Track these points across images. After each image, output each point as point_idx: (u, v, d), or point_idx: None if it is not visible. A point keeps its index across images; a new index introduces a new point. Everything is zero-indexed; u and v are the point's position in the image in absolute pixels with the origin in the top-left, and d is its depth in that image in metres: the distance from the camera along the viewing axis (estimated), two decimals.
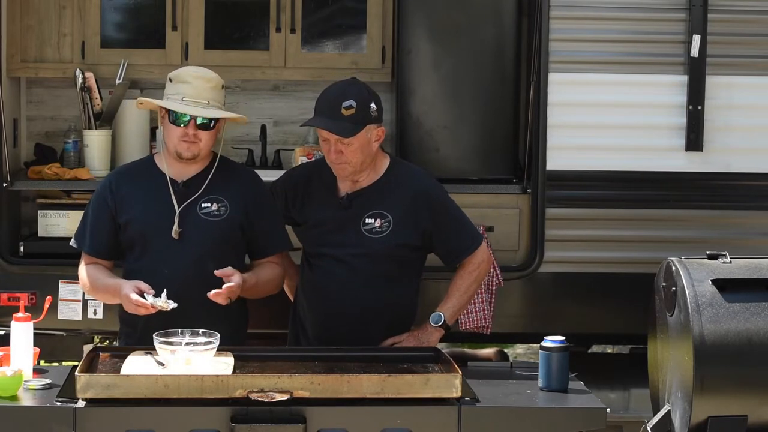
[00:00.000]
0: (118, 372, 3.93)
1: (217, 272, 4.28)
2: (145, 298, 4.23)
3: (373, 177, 4.56)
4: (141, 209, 4.49)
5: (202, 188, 4.48)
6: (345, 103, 4.41)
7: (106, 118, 5.71)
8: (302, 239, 4.70)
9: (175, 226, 4.44)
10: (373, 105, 4.45)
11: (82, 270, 4.54)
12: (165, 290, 4.23)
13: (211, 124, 4.45)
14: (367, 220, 4.52)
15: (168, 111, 4.45)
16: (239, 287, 4.30)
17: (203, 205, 4.49)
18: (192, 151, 4.45)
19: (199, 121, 4.42)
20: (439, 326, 4.51)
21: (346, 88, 4.50)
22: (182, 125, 4.43)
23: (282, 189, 4.71)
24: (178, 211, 4.45)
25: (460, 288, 4.58)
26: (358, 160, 4.47)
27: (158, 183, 4.51)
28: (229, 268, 4.31)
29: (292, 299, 4.83)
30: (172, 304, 4.20)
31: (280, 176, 4.86)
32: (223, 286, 4.26)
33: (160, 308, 4.20)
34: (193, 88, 4.45)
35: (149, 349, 4.08)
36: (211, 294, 4.25)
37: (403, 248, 4.53)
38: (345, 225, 4.53)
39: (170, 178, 4.50)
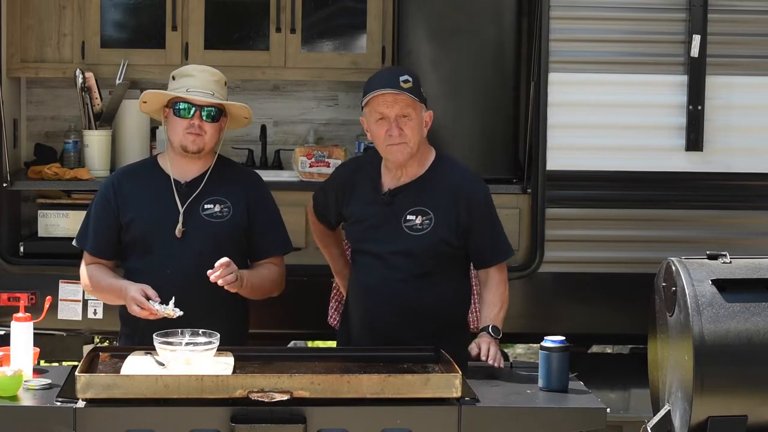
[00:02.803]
0: (118, 372, 3.93)
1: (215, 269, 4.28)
2: (151, 304, 4.23)
3: (418, 171, 4.51)
4: (144, 209, 4.49)
5: (206, 188, 4.49)
6: (402, 77, 4.39)
7: (106, 118, 5.72)
8: (347, 235, 4.68)
9: (179, 225, 4.44)
10: (421, 87, 4.46)
11: (84, 270, 4.55)
12: (173, 298, 4.23)
13: (215, 117, 4.45)
14: (409, 217, 4.48)
15: (172, 107, 4.45)
16: (232, 264, 4.27)
17: (206, 206, 4.49)
18: (197, 144, 4.45)
19: (204, 113, 4.43)
20: (498, 338, 4.45)
21: (397, 68, 4.52)
22: (188, 117, 4.43)
23: (331, 190, 4.67)
24: (182, 210, 4.45)
25: (502, 297, 4.50)
26: (415, 140, 4.42)
27: (161, 183, 4.51)
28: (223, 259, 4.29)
29: (344, 294, 4.81)
30: (178, 312, 4.20)
31: (330, 174, 4.80)
32: (216, 264, 4.24)
33: (165, 315, 4.20)
34: (198, 80, 4.46)
35: (149, 349, 4.09)
36: (213, 278, 4.25)
37: (443, 246, 4.48)
38: (386, 222, 4.49)
39: (173, 178, 4.51)
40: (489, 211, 4.56)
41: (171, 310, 4.20)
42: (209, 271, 4.25)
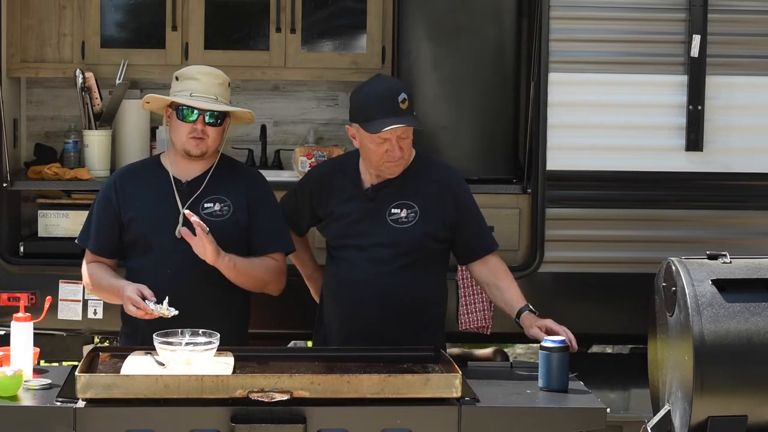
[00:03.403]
0: (118, 372, 3.93)
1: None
2: (146, 303, 4.24)
3: None
4: (145, 208, 4.50)
5: (207, 187, 4.49)
6: (400, 98, 4.40)
7: (106, 118, 5.71)
8: (326, 233, 4.67)
9: (179, 225, 4.44)
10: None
11: (85, 268, 4.56)
12: (167, 297, 4.23)
13: (219, 121, 4.45)
14: (393, 210, 4.50)
15: (175, 109, 4.45)
16: (209, 235, 4.29)
17: (206, 205, 4.49)
18: (201, 149, 4.46)
19: (207, 117, 4.43)
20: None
21: (390, 83, 4.53)
22: (191, 121, 4.43)
23: (306, 189, 4.68)
24: (182, 211, 4.45)
25: (513, 281, 4.56)
26: (409, 152, 4.48)
27: (163, 182, 4.52)
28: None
29: (317, 300, 4.81)
30: (173, 312, 4.21)
31: (303, 177, 4.84)
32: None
33: (160, 315, 4.21)
34: (202, 84, 4.45)
35: (149, 349, 4.09)
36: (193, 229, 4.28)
37: (428, 239, 4.51)
38: (370, 216, 4.51)
39: (175, 177, 4.51)
40: (475, 204, 4.61)
41: (165, 309, 4.21)
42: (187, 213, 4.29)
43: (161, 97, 4.51)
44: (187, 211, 4.31)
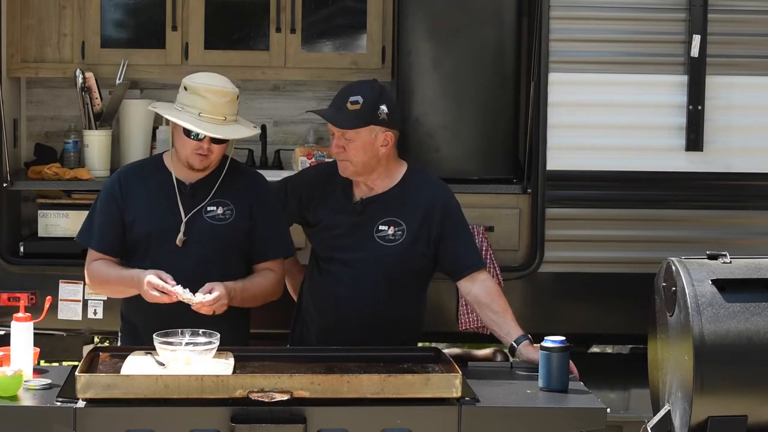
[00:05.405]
0: (118, 372, 3.93)
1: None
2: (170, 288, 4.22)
3: (388, 184, 4.53)
4: (147, 211, 4.47)
5: (210, 194, 4.47)
6: (351, 98, 4.42)
7: (106, 118, 5.71)
8: (313, 241, 4.68)
9: (180, 234, 4.42)
10: (383, 107, 4.43)
11: (89, 266, 4.50)
12: (181, 285, 4.23)
13: (225, 139, 4.44)
14: (381, 227, 4.49)
15: None
16: (224, 297, 4.27)
17: (209, 208, 4.47)
18: (204, 164, 4.44)
19: (213, 137, 4.41)
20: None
21: (358, 85, 4.53)
22: (197, 139, 4.40)
23: (297, 188, 4.68)
24: (184, 220, 4.43)
25: (507, 306, 4.50)
26: (359, 159, 4.44)
27: (165, 184, 4.48)
28: (208, 285, 4.29)
29: (295, 299, 4.82)
30: (200, 297, 4.20)
31: (295, 174, 4.85)
32: (204, 298, 4.23)
33: (183, 299, 4.18)
34: (210, 104, 4.39)
35: (149, 349, 4.09)
36: (195, 306, 4.24)
37: (414, 258, 4.50)
38: (357, 230, 4.50)
39: (178, 180, 4.49)
40: (463, 221, 4.59)
41: (190, 295, 4.20)
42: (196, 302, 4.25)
43: (169, 117, 4.42)
44: (196, 299, 4.25)
